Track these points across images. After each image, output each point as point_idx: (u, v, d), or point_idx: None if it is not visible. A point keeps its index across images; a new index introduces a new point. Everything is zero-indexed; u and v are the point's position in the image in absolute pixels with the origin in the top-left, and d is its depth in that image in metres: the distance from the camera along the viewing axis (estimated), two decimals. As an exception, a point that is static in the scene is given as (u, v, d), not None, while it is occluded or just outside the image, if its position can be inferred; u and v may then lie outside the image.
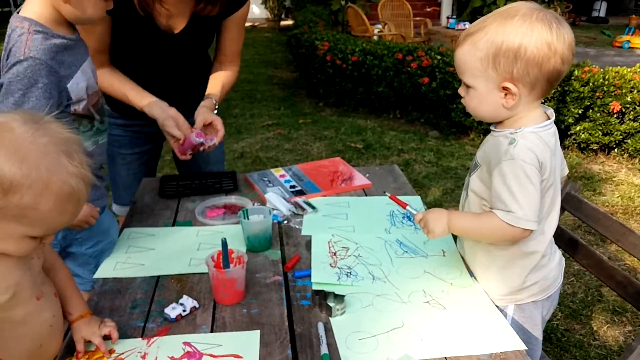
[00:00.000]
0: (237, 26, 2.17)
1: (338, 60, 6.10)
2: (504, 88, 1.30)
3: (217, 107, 2.11)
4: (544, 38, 1.23)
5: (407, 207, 1.57)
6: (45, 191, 1.01)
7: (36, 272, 1.20)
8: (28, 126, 1.01)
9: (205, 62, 2.27)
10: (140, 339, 1.32)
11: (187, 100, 2.13)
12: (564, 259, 1.55)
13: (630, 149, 4.66)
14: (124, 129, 2.20)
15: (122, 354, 1.26)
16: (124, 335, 1.33)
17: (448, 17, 9.28)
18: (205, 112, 2.01)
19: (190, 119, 2.02)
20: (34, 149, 1.00)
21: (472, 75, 1.33)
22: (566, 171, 1.52)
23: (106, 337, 1.29)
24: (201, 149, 1.98)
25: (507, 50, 1.25)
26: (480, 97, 1.35)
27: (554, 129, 1.38)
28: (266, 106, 6.59)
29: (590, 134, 4.70)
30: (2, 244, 1.06)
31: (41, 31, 1.47)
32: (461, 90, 1.40)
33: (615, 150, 4.79)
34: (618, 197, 4.07)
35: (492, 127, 1.43)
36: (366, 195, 2.06)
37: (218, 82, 2.20)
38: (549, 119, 1.36)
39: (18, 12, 1.52)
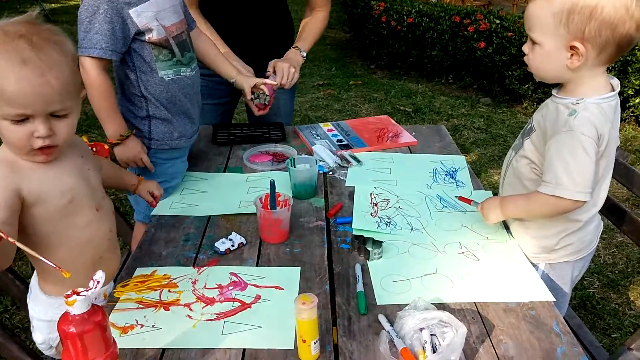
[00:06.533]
0: None
1: (393, 21, 6.04)
2: (572, 47, 1.27)
3: (303, 55, 2.30)
4: (623, 0, 1.21)
5: (472, 203, 1.64)
6: None
7: (94, 185, 1.34)
8: None
9: (284, 14, 2.36)
10: (191, 267, 1.44)
11: (262, 51, 2.25)
12: (602, 223, 1.55)
13: (690, 125, 4.49)
14: (206, 79, 2.17)
15: (175, 279, 1.39)
16: (177, 263, 1.46)
17: (510, -19, 8.97)
18: (281, 61, 2.20)
19: (263, 72, 2.19)
20: None
21: (541, 31, 1.31)
22: (618, 142, 1.50)
23: None
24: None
25: (583, 7, 1.22)
26: (546, 56, 1.32)
27: (617, 100, 1.35)
28: (318, 66, 6.61)
29: (649, 107, 4.55)
30: None
31: None
32: (525, 47, 1.38)
33: (675, 124, 4.62)
34: (672, 172, 3.95)
35: (554, 92, 1.40)
36: (411, 153, 2.11)
37: (305, 30, 2.37)
38: (613, 90, 1.34)
39: None
